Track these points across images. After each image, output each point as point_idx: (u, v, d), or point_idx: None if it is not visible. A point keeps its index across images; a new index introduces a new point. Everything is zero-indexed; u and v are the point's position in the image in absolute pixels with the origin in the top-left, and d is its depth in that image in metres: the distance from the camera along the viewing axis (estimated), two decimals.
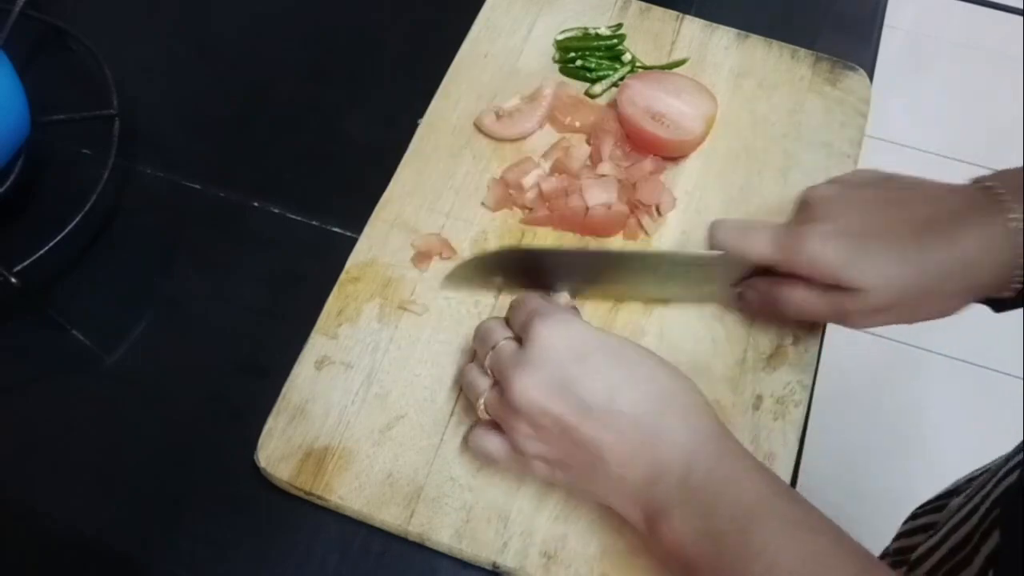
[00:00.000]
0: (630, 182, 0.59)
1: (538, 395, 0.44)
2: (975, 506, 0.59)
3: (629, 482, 0.43)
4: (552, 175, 0.60)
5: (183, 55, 0.69)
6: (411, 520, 0.49)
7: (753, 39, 0.68)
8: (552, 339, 0.45)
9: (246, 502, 0.51)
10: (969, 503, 0.60)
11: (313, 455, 0.50)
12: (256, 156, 0.64)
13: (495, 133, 0.61)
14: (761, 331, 0.56)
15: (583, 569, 0.48)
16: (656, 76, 0.63)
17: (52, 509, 0.50)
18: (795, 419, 0.53)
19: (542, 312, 0.46)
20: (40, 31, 0.67)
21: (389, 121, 0.64)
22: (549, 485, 0.50)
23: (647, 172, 0.59)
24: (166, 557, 0.49)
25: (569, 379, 0.44)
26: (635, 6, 0.69)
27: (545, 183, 0.59)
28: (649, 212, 0.59)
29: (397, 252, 0.57)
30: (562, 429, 0.44)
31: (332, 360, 0.53)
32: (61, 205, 0.57)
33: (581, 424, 0.43)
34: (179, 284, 0.58)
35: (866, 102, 0.66)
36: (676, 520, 0.42)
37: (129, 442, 0.53)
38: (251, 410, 0.52)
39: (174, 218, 0.61)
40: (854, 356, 1.48)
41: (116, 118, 0.61)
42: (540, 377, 0.44)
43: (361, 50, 0.69)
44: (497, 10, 0.68)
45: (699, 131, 0.61)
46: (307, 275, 0.58)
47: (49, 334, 0.56)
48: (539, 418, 0.44)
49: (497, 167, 0.60)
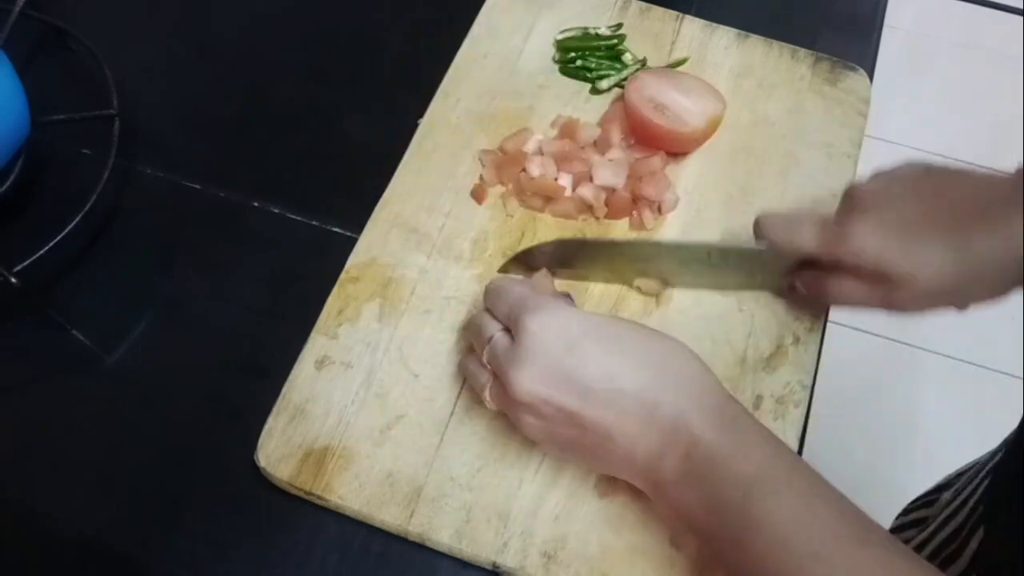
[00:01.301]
0: (636, 175, 0.59)
1: (538, 388, 0.44)
2: (963, 500, 0.59)
3: (639, 457, 0.44)
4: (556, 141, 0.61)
5: (183, 55, 0.69)
6: (411, 520, 0.49)
7: (753, 39, 0.68)
8: (542, 331, 0.45)
9: (246, 502, 0.51)
10: (958, 498, 0.61)
11: (313, 455, 0.50)
12: (256, 156, 0.64)
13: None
14: (761, 331, 0.56)
15: (583, 569, 0.48)
16: (668, 73, 0.63)
17: (52, 509, 0.50)
18: (795, 419, 0.53)
19: (529, 304, 0.46)
20: (40, 31, 0.67)
21: (389, 121, 0.64)
22: (557, 473, 0.50)
23: (655, 167, 0.60)
24: (166, 557, 0.49)
25: (566, 367, 0.44)
26: (635, 6, 0.69)
27: (548, 145, 0.59)
28: (651, 207, 0.59)
29: (397, 252, 0.57)
30: (567, 416, 0.44)
31: (332, 360, 0.53)
32: (61, 205, 0.57)
33: (584, 409, 0.44)
34: (179, 284, 0.58)
35: (866, 102, 0.66)
36: (682, 491, 0.43)
37: (129, 442, 0.52)
38: (251, 410, 0.52)
39: (174, 218, 0.61)
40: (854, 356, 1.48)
41: (116, 118, 0.61)
42: (536, 370, 0.44)
43: (361, 50, 0.69)
44: (497, 10, 0.68)
45: (699, 127, 0.61)
46: (307, 275, 0.58)
47: (49, 334, 0.56)
48: (542, 408, 0.45)
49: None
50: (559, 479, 0.50)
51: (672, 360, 0.45)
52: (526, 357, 0.45)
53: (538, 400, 0.44)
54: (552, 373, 0.44)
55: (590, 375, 0.44)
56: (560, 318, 0.45)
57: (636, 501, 0.49)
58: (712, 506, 0.42)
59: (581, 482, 0.50)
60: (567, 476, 0.50)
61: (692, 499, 0.43)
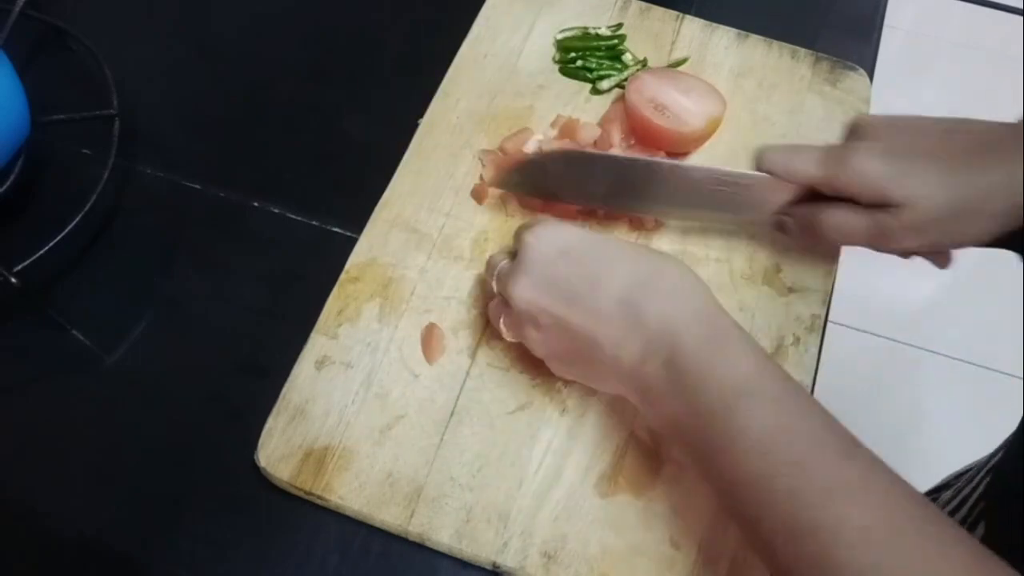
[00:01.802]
0: None
1: (530, 295, 0.46)
2: (963, 500, 0.59)
3: (624, 362, 0.45)
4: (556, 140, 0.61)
5: (183, 55, 0.69)
6: (411, 520, 0.49)
7: (753, 39, 0.68)
8: (538, 243, 0.47)
9: (246, 502, 0.51)
10: (957, 497, 0.61)
11: (313, 455, 0.50)
12: (256, 156, 0.64)
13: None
14: (761, 331, 0.56)
15: (583, 569, 0.48)
16: (669, 73, 0.63)
17: (52, 509, 0.50)
18: None
19: (532, 224, 0.49)
20: (40, 31, 0.67)
21: (389, 121, 0.64)
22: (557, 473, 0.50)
23: None
24: (166, 557, 0.49)
25: (555, 274, 0.46)
26: (635, 6, 0.69)
27: (548, 145, 0.60)
28: None
29: (397, 252, 0.57)
30: (556, 322, 0.46)
31: (332, 360, 0.53)
32: (61, 205, 0.57)
33: (570, 314, 0.46)
34: (179, 284, 0.58)
35: (866, 102, 0.66)
36: (666, 398, 0.44)
37: (129, 442, 0.52)
38: (251, 410, 0.52)
39: (174, 218, 0.61)
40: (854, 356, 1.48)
41: (116, 118, 0.61)
42: (530, 279, 0.47)
43: (361, 50, 0.69)
44: (497, 10, 0.68)
45: (698, 127, 0.61)
46: (307, 275, 0.58)
47: (49, 334, 0.56)
48: (538, 317, 0.47)
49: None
50: (559, 479, 0.50)
51: (663, 270, 0.46)
52: (522, 267, 0.47)
53: (534, 308, 0.46)
54: (543, 280, 0.46)
55: (577, 280, 0.46)
56: (556, 230, 0.48)
57: (636, 501, 0.49)
58: (695, 412, 0.42)
59: (581, 482, 0.50)
60: (567, 476, 0.50)
61: (676, 405, 0.43)
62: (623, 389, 0.47)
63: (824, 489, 0.38)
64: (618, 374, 0.46)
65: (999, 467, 0.58)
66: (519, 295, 0.47)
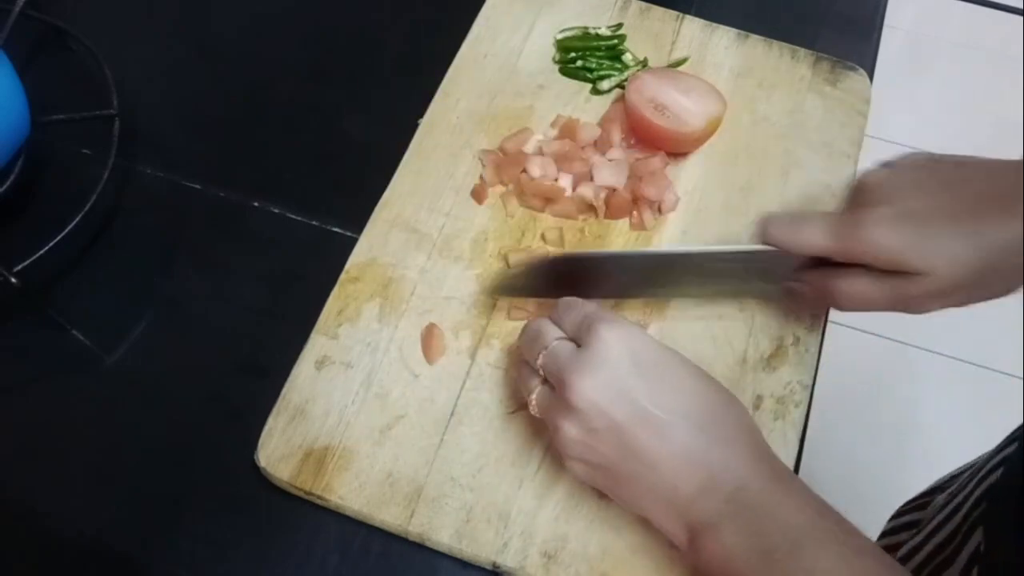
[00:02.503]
0: (636, 175, 0.59)
1: (598, 397, 0.43)
2: (958, 504, 0.59)
3: (681, 492, 0.43)
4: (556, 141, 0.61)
5: (183, 55, 0.69)
6: (411, 520, 0.49)
7: (753, 39, 0.68)
8: (617, 344, 0.44)
9: (246, 502, 0.51)
10: (953, 500, 0.60)
11: (313, 455, 0.50)
12: (256, 156, 0.64)
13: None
14: (761, 331, 0.56)
15: (583, 569, 0.48)
16: (669, 73, 0.63)
17: (52, 509, 0.50)
18: (795, 419, 0.53)
19: (606, 316, 0.46)
20: (40, 31, 0.67)
21: (389, 121, 0.64)
22: (557, 473, 0.50)
23: (655, 168, 0.60)
24: (166, 557, 0.49)
25: (630, 385, 0.44)
26: (635, 6, 0.69)
27: (548, 145, 0.59)
28: (651, 207, 0.59)
29: (397, 252, 0.57)
30: (617, 434, 0.44)
31: (332, 360, 0.53)
32: (61, 205, 0.57)
33: (638, 431, 0.43)
34: (179, 284, 0.58)
35: (866, 102, 0.66)
36: (725, 534, 0.42)
37: (129, 442, 0.53)
38: (251, 410, 0.52)
39: (174, 218, 0.61)
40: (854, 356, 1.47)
41: (116, 118, 0.61)
42: (601, 380, 0.44)
43: (361, 50, 0.69)
44: (497, 10, 0.68)
45: (698, 127, 0.60)
46: (307, 275, 0.58)
47: (49, 334, 0.56)
48: (595, 420, 0.44)
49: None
50: (559, 479, 0.50)
51: (729, 411, 0.46)
52: (594, 363, 0.44)
53: (594, 410, 0.44)
54: (615, 386, 0.44)
55: (652, 400, 0.44)
56: (636, 337, 0.45)
57: None
58: (757, 550, 0.41)
59: (581, 483, 0.50)
60: (567, 477, 0.50)
61: (736, 543, 0.42)
62: (663, 516, 0.45)
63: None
64: (665, 503, 0.44)
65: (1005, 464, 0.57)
66: (583, 393, 0.44)
